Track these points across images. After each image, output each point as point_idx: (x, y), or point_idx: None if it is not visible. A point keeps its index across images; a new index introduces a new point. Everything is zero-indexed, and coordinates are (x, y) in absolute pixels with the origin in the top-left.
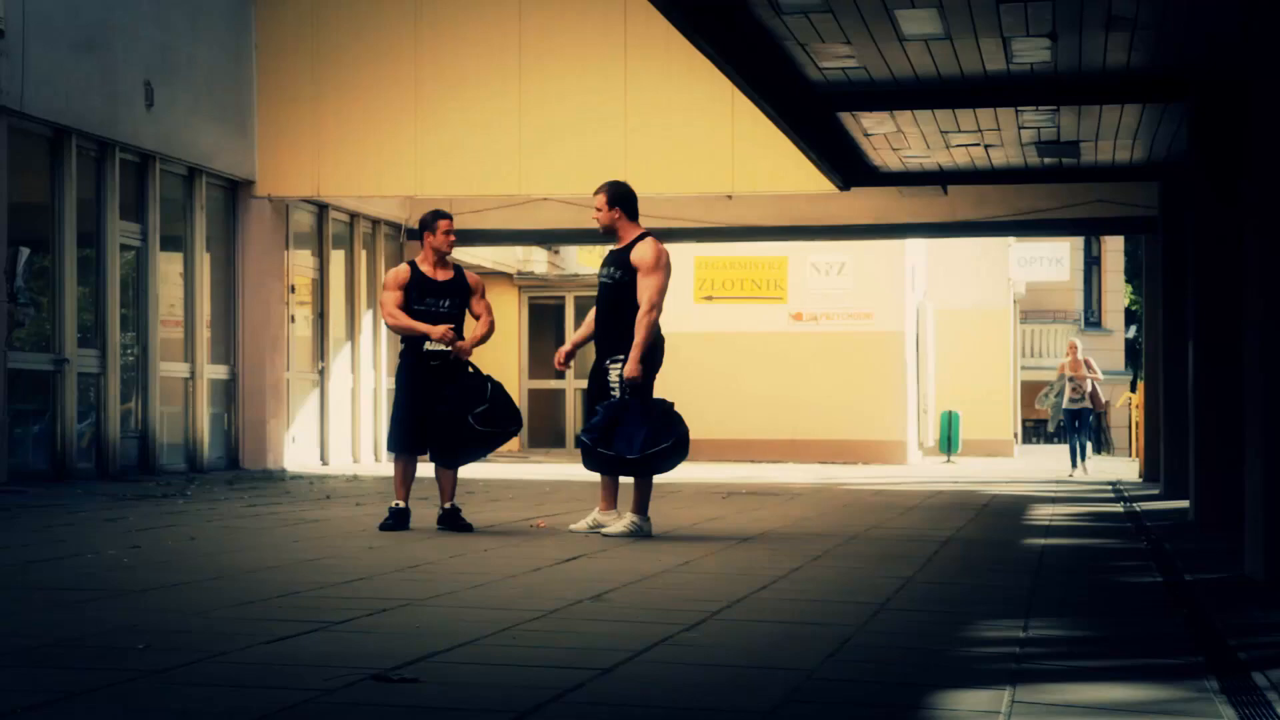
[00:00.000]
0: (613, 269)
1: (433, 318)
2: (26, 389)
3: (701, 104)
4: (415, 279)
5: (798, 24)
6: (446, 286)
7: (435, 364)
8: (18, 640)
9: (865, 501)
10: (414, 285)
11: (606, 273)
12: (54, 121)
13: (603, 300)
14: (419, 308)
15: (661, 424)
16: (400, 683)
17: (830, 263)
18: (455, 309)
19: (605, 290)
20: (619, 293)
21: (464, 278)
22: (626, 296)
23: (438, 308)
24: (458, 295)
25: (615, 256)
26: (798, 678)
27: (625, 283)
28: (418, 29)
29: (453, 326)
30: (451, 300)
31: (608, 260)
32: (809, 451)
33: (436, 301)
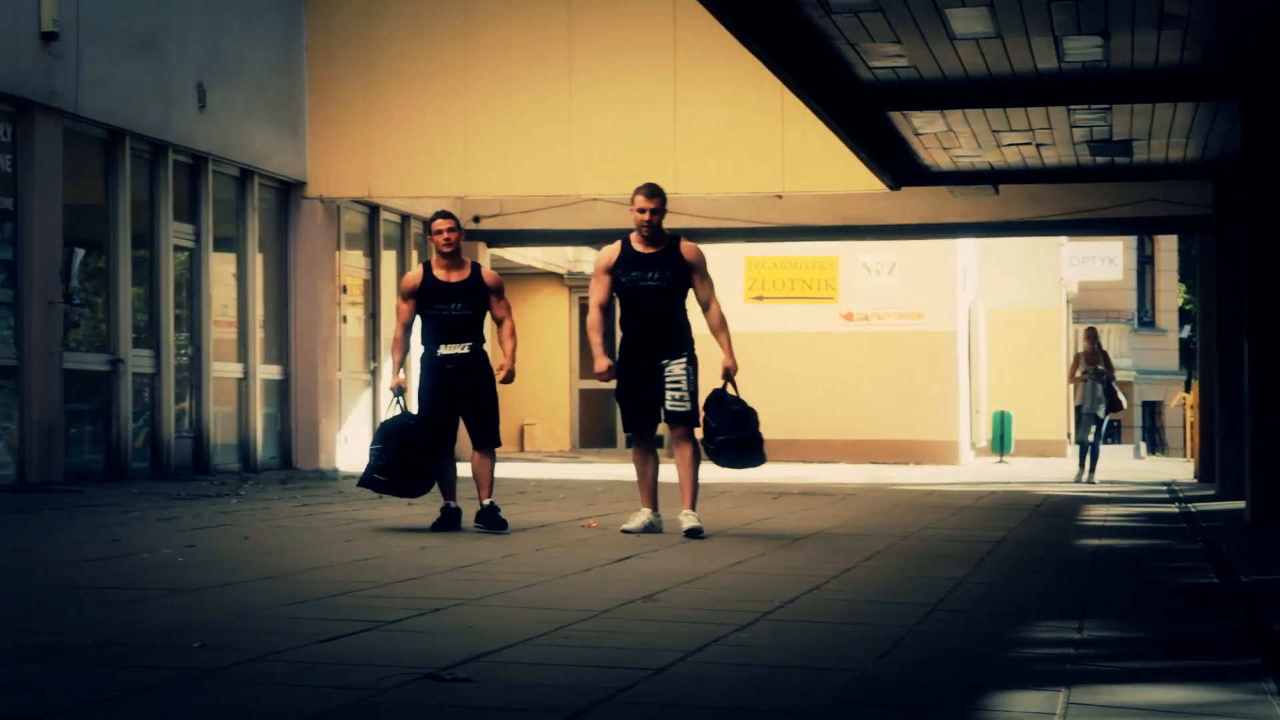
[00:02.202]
0: (662, 271)
1: (443, 322)
2: (82, 389)
3: (751, 103)
4: (425, 283)
5: (847, 23)
6: (458, 289)
7: (450, 367)
8: (74, 639)
9: (917, 502)
10: (424, 290)
11: (655, 275)
12: (108, 123)
13: (651, 303)
14: (430, 312)
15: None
16: (453, 682)
17: (881, 262)
18: (468, 310)
19: (654, 293)
20: (672, 294)
21: (480, 277)
22: (679, 297)
23: (448, 311)
24: (471, 296)
25: (658, 259)
26: (850, 678)
27: (677, 283)
28: (468, 29)
29: (399, 382)
30: (464, 302)
31: (645, 264)
32: (860, 451)
33: (447, 305)
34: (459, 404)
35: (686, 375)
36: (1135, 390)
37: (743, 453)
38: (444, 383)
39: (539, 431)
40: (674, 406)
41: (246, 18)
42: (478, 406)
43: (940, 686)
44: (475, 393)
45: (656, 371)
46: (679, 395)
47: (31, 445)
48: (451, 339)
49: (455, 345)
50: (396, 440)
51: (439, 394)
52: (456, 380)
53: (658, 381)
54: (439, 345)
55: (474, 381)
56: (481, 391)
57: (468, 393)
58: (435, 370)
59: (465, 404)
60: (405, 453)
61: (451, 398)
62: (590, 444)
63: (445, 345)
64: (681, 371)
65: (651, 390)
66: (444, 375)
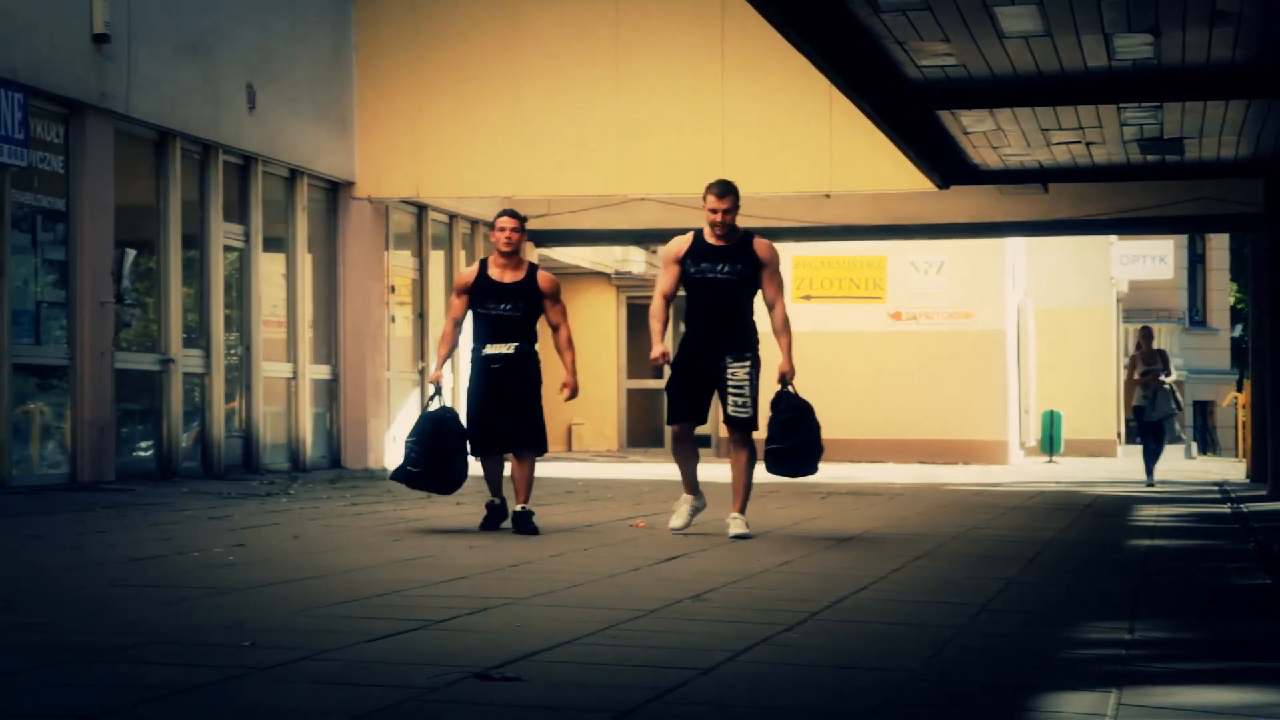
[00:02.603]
0: (732, 264)
1: (491, 321)
2: (133, 389)
3: (799, 103)
4: (479, 281)
5: (896, 22)
6: (511, 289)
7: (496, 367)
8: (125, 636)
9: (966, 501)
10: (477, 288)
11: (725, 268)
12: (158, 124)
13: (719, 297)
14: (480, 311)
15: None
16: (502, 681)
17: (929, 261)
18: (520, 312)
19: (722, 287)
20: (741, 289)
21: (534, 279)
22: (748, 293)
23: (497, 311)
24: (523, 298)
25: (727, 253)
26: (899, 679)
27: (747, 278)
28: (515, 29)
29: (437, 377)
30: (514, 304)
31: (716, 256)
32: (909, 451)
33: (497, 305)
34: (502, 404)
35: (750, 380)
36: (1186, 390)
37: (790, 461)
38: (488, 382)
39: (586, 431)
40: (735, 412)
41: (295, 18)
42: (520, 409)
43: (990, 687)
44: (518, 395)
45: (717, 369)
46: (741, 401)
47: (83, 445)
48: (498, 338)
49: (501, 345)
50: (430, 434)
51: (483, 393)
52: (501, 380)
53: (715, 379)
54: (486, 344)
55: (517, 383)
56: (525, 393)
57: (511, 393)
58: (481, 369)
59: (508, 405)
60: (438, 447)
61: (496, 398)
62: (638, 444)
63: (492, 345)
64: (745, 376)
65: (706, 386)
66: (489, 375)
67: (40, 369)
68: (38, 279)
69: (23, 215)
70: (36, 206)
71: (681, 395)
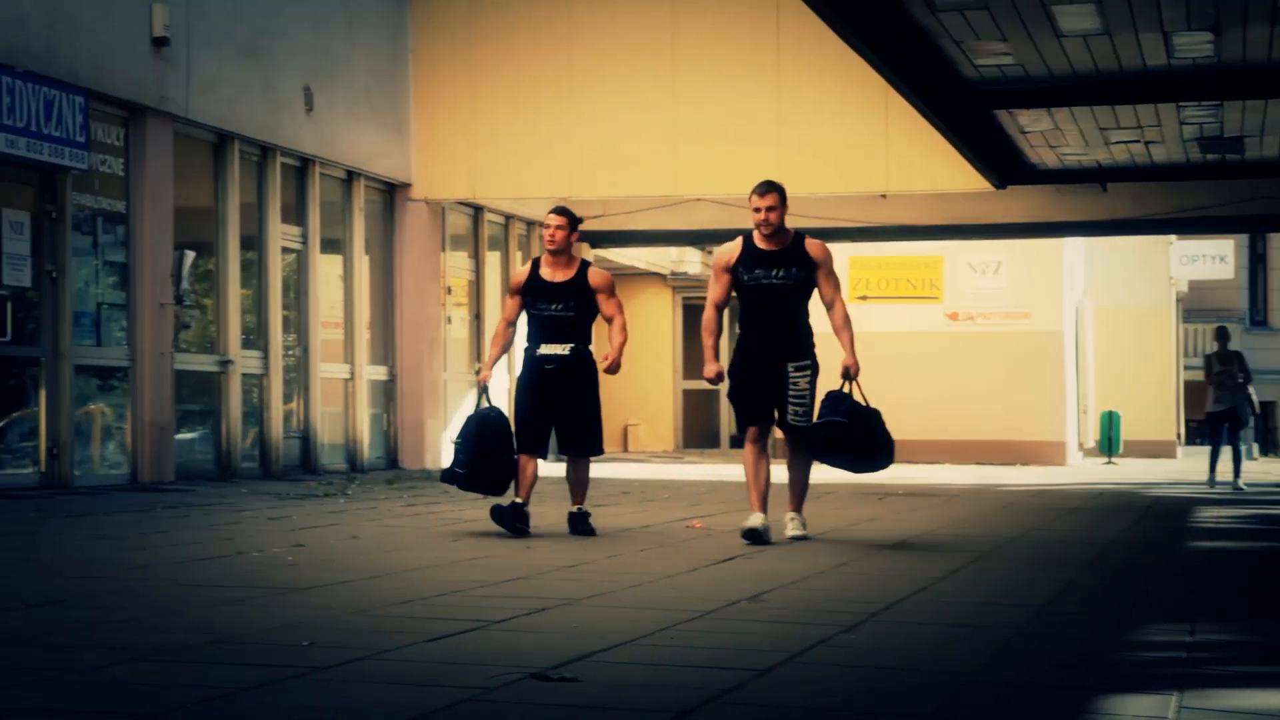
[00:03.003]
0: (786, 269)
1: (545, 322)
2: (192, 390)
3: (855, 102)
4: (531, 281)
5: (953, 21)
6: (562, 289)
7: (550, 368)
8: (186, 636)
9: (1024, 503)
10: (529, 287)
11: (779, 273)
12: (217, 127)
13: (774, 302)
14: (533, 311)
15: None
16: (559, 682)
17: (987, 261)
18: (573, 311)
19: (777, 291)
20: (797, 293)
21: (586, 277)
22: (803, 297)
23: (549, 311)
24: (575, 297)
25: (781, 257)
26: (958, 681)
27: (802, 281)
28: (571, 31)
29: (484, 378)
30: (566, 303)
31: (769, 261)
32: (966, 452)
33: (549, 305)
34: (554, 407)
35: (810, 390)
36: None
37: (848, 446)
38: (540, 383)
39: (642, 432)
40: (795, 420)
41: (352, 21)
42: (575, 410)
43: (1049, 689)
44: (572, 396)
45: (777, 373)
46: (801, 410)
47: (144, 445)
48: (552, 339)
49: (555, 346)
50: (475, 435)
51: (533, 394)
52: (554, 382)
53: (777, 383)
54: (539, 345)
55: (572, 384)
56: (580, 395)
57: (564, 396)
58: (534, 370)
59: (561, 407)
60: (483, 448)
61: (546, 399)
62: (693, 444)
63: (545, 345)
64: (807, 386)
65: (770, 391)
66: (541, 376)
67: (101, 370)
68: (98, 281)
69: (84, 217)
70: (97, 209)
71: (747, 401)
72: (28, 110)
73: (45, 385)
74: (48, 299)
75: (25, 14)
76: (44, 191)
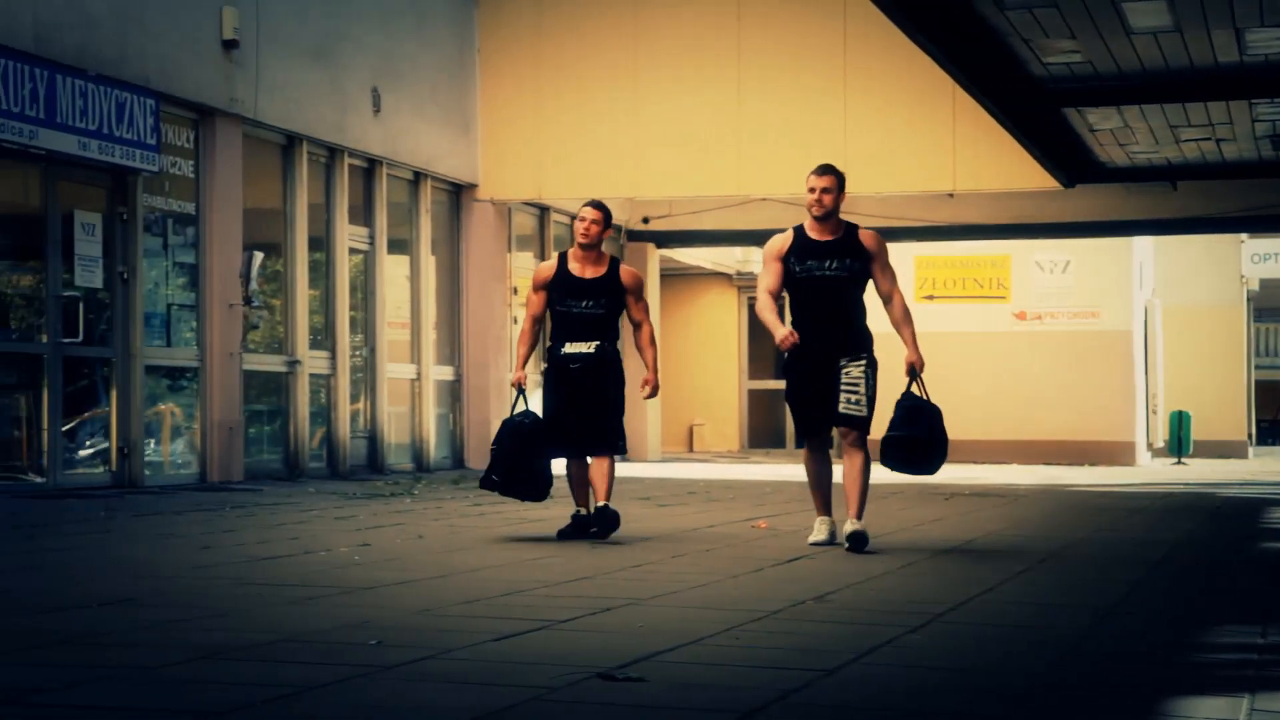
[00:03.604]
0: (840, 259)
1: (572, 319)
2: (261, 390)
3: (922, 101)
4: (558, 276)
5: (1021, 19)
6: (592, 285)
7: (575, 367)
8: (252, 635)
9: (1092, 503)
10: (556, 283)
11: (833, 265)
12: (285, 128)
13: (828, 295)
14: (559, 309)
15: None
16: (625, 682)
17: (1055, 260)
18: (603, 309)
19: (831, 284)
20: (851, 285)
21: (617, 274)
22: (858, 290)
23: (578, 308)
24: (605, 295)
25: (835, 247)
26: (1025, 683)
27: (856, 273)
28: (637, 31)
29: (518, 379)
30: (596, 300)
31: (822, 252)
32: (1033, 452)
33: (578, 302)
34: (582, 406)
35: (865, 378)
36: None
37: (908, 451)
38: (567, 383)
39: (707, 432)
40: (847, 409)
41: (420, 22)
42: (599, 409)
43: (1117, 691)
44: (598, 395)
45: (832, 371)
46: (855, 398)
47: (213, 445)
48: (578, 337)
49: (581, 344)
50: (507, 439)
51: (561, 394)
52: (580, 381)
53: (832, 381)
54: (564, 344)
55: (599, 383)
56: (605, 394)
57: (591, 394)
58: (559, 371)
59: (587, 405)
60: (516, 453)
61: (574, 399)
62: (759, 444)
63: (571, 343)
64: (860, 374)
65: (826, 390)
66: (567, 375)
67: (171, 370)
68: (168, 281)
69: (154, 219)
70: (167, 210)
71: (804, 406)
72: (99, 113)
73: (116, 385)
74: (119, 300)
75: (97, 17)
76: (115, 193)
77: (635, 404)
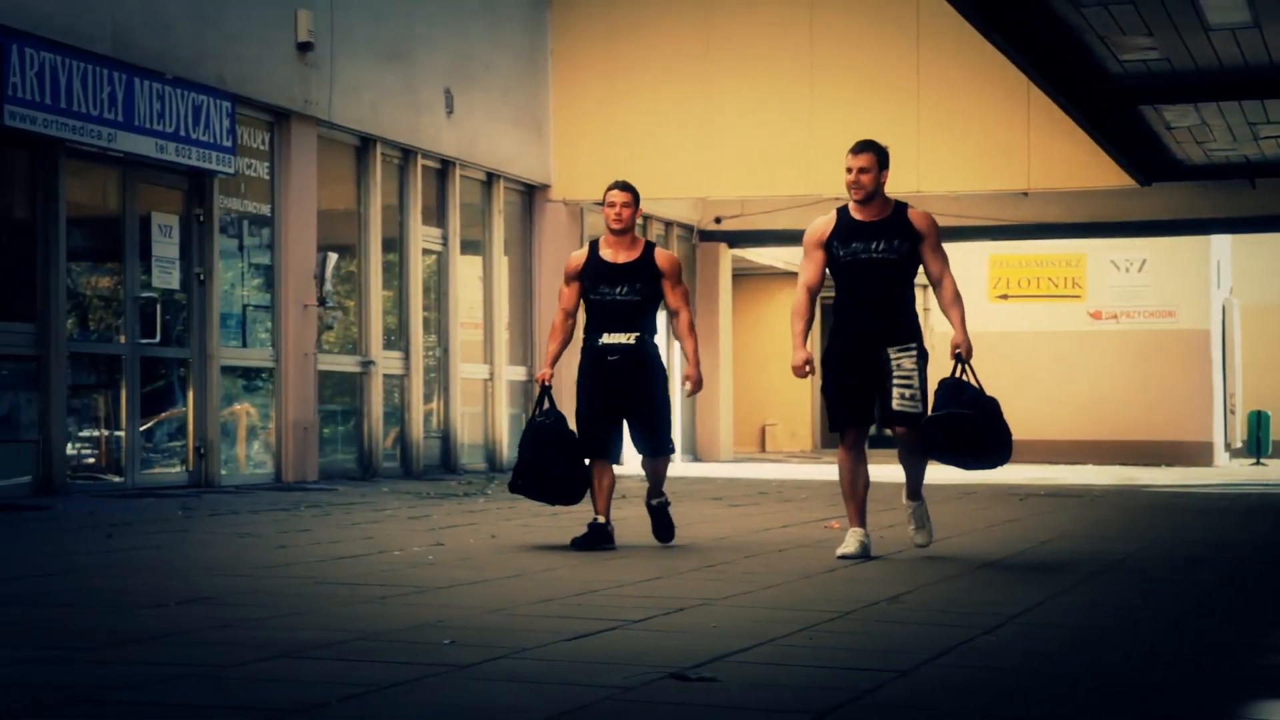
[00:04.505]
0: (889, 241)
1: (608, 308)
2: (335, 390)
3: (995, 100)
4: (590, 263)
5: (1097, 16)
6: (626, 270)
7: (614, 359)
8: (328, 634)
9: (1168, 504)
10: (588, 271)
11: (880, 246)
12: (360, 130)
13: (876, 280)
14: (593, 297)
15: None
16: (698, 682)
17: (1130, 259)
18: (639, 295)
19: (879, 268)
20: (900, 269)
21: (651, 258)
22: (908, 274)
23: (613, 296)
24: (640, 280)
25: (881, 228)
26: (1099, 685)
27: (906, 255)
28: (709, 30)
29: (544, 376)
30: (631, 286)
31: (868, 234)
32: (1109, 452)
33: (612, 290)
34: (621, 404)
35: (918, 370)
36: None
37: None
38: (604, 378)
39: (780, 431)
40: (902, 405)
41: (493, 23)
42: (643, 408)
43: (1194, 692)
44: (640, 391)
45: (878, 362)
46: (909, 394)
47: (287, 445)
48: (616, 327)
49: (620, 335)
50: (530, 441)
51: (597, 391)
52: (619, 375)
53: (878, 375)
54: (601, 334)
55: (640, 378)
56: (648, 391)
57: (632, 391)
58: (595, 363)
59: (628, 404)
60: (539, 455)
61: (612, 396)
62: (832, 444)
63: (608, 334)
64: (913, 366)
65: (869, 385)
66: (604, 369)
67: (246, 371)
68: (244, 282)
69: (230, 220)
70: (243, 212)
71: (843, 397)
72: (176, 115)
73: (193, 385)
74: (195, 301)
75: (174, 20)
76: (192, 195)
77: (709, 404)
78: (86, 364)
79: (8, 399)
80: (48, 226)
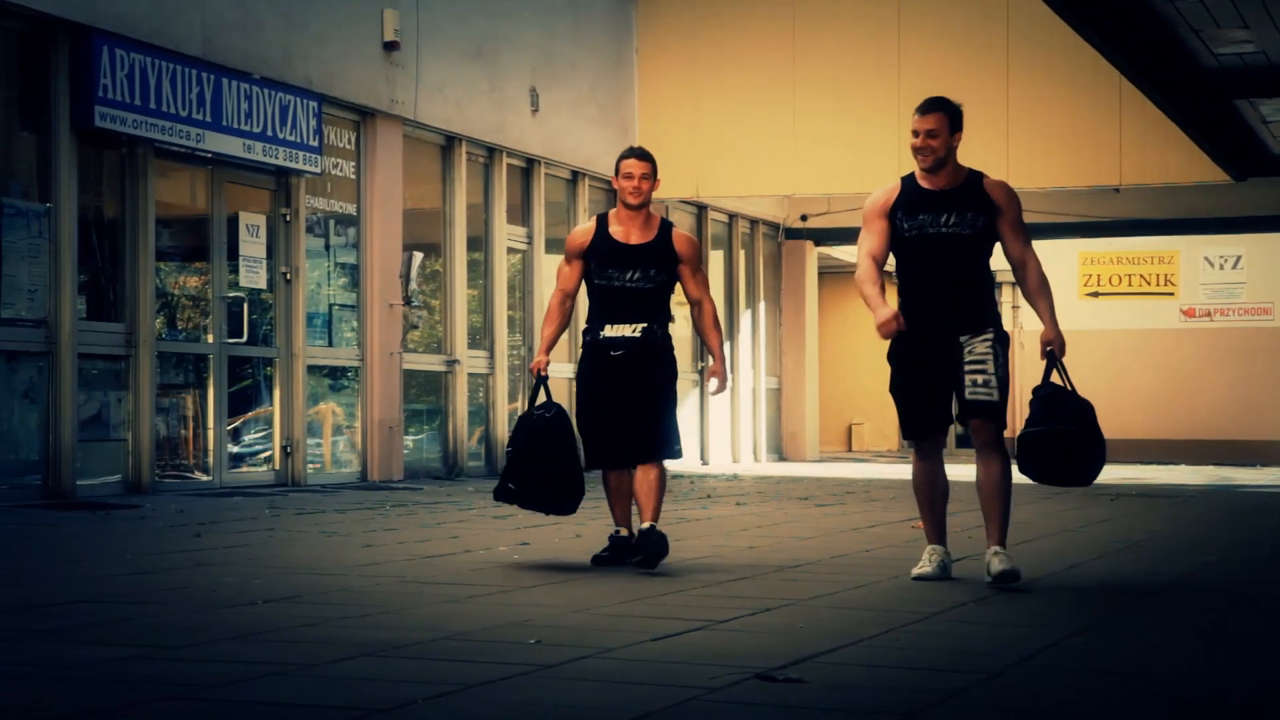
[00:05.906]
0: (960, 213)
1: (615, 295)
2: (420, 389)
3: (1086, 95)
4: (598, 241)
5: (1191, 9)
6: (638, 253)
7: (617, 354)
8: (414, 633)
9: (1262, 504)
10: (594, 250)
11: (952, 219)
12: (445, 129)
13: (946, 256)
14: (599, 282)
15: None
16: (784, 682)
17: (1225, 256)
18: (653, 282)
19: (950, 243)
20: (975, 245)
21: (668, 240)
22: (983, 251)
23: (621, 281)
24: (655, 265)
25: (953, 199)
26: (1187, 688)
27: (980, 230)
28: (795, 27)
29: (539, 364)
30: (644, 271)
31: (937, 205)
32: (1202, 452)
33: (621, 274)
34: (627, 402)
35: (993, 354)
36: None
37: (1052, 455)
38: (608, 374)
39: (866, 431)
40: (975, 394)
41: (578, 21)
42: (647, 405)
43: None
44: (648, 390)
45: (951, 352)
46: (984, 379)
47: (373, 443)
48: (621, 318)
49: (624, 327)
50: (523, 440)
51: (601, 388)
52: (624, 372)
53: (951, 367)
54: (603, 326)
55: (646, 374)
56: (655, 388)
57: (637, 388)
58: (598, 358)
59: (633, 402)
60: (533, 456)
61: (616, 394)
62: None
63: (613, 325)
64: (987, 350)
65: (942, 380)
66: (608, 365)
67: (332, 370)
68: (330, 281)
69: (316, 220)
70: (329, 211)
71: (914, 398)
72: (264, 115)
73: (279, 384)
74: (282, 300)
75: (262, 21)
76: (279, 195)
77: (795, 403)
78: (174, 363)
79: (97, 398)
80: (136, 226)
